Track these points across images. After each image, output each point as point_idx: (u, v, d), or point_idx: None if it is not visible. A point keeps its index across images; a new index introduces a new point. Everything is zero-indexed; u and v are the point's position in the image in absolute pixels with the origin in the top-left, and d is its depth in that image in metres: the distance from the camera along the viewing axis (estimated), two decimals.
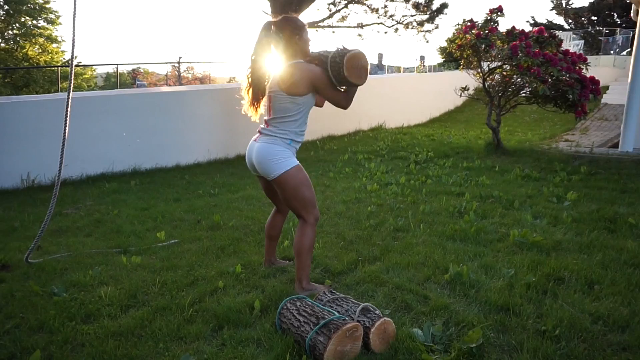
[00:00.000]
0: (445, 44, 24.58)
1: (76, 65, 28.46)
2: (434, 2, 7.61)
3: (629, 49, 18.90)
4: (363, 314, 2.17)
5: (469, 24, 7.48)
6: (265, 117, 2.69)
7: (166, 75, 25.54)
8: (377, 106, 12.59)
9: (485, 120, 8.21)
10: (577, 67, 7.10)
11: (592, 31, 21.39)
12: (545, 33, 7.20)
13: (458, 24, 7.71)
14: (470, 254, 3.21)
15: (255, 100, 2.70)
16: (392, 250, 3.34)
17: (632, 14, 8.34)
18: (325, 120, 10.66)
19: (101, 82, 30.89)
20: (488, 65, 7.54)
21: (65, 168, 3.74)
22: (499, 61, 7.25)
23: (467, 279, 2.73)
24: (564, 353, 1.99)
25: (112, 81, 28.69)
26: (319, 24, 7.90)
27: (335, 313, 2.12)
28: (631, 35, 19.77)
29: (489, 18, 7.33)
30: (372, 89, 13.03)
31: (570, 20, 27.15)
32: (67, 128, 3.10)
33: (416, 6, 7.47)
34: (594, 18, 26.11)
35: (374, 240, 3.59)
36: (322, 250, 3.36)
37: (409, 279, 2.81)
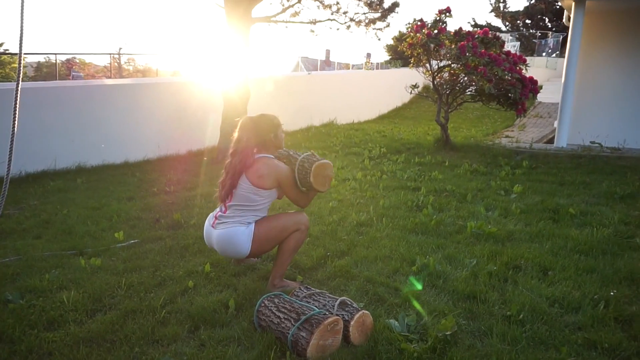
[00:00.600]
0: (392, 42, 25.20)
1: (2, 53, 26.39)
2: (385, 0, 7.78)
3: (559, 52, 20.39)
4: (341, 308, 2.21)
5: (419, 23, 7.72)
6: (225, 201, 2.65)
7: (108, 66, 24.29)
8: (329, 102, 12.72)
9: (433, 117, 8.53)
10: (518, 68, 7.55)
11: (527, 33, 22.86)
12: (489, 34, 7.58)
13: (408, 23, 7.92)
14: (433, 246, 3.34)
15: (228, 193, 2.63)
16: (358, 245, 3.42)
17: (564, 20, 8.98)
18: (277, 116, 10.64)
19: (32, 72, 28.80)
20: (437, 64, 7.83)
21: (1, 165, 3.48)
22: (447, 60, 7.54)
23: (433, 270, 2.86)
24: (529, 335, 2.14)
25: (45, 71, 26.83)
26: (272, 19, 7.82)
27: (315, 308, 2.14)
28: (561, 38, 21.29)
29: (437, 18, 7.60)
30: (324, 85, 13.15)
31: (507, 23, 28.87)
32: (16, 121, 2.89)
33: (369, 4, 7.60)
34: (528, 21, 27.98)
35: (339, 235, 3.65)
36: None
37: (378, 272, 2.89)
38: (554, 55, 18.70)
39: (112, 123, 7.32)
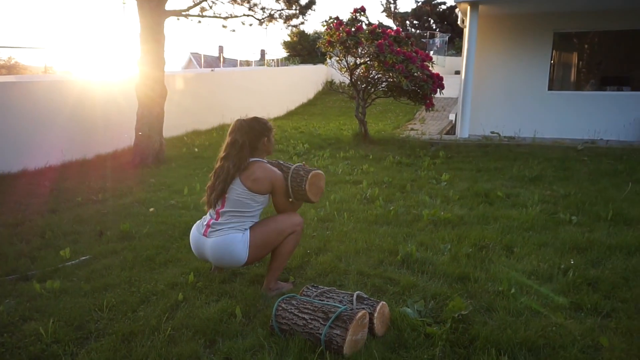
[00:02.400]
0: (288, 39, 25.40)
1: None
2: None
3: (446, 50, 22.46)
4: (360, 302, 2.23)
5: (336, 21, 7.93)
6: (217, 208, 2.54)
7: None
8: (237, 99, 12.45)
9: (340, 113, 8.85)
10: (426, 65, 8.16)
11: (416, 33, 24.80)
12: (401, 34, 8.07)
13: (325, 21, 8.07)
14: (402, 235, 3.51)
15: (219, 197, 2.52)
16: (331, 240, 3.45)
17: (459, 22, 9.90)
18: (189, 115, 10.16)
19: None
20: (355, 61, 8.12)
21: None
22: (365, 57, 7.87)
23: (415, 257, 3.01)
24: (525, 306, 2.37)
25: None
26: (186, 13, 7.44)
27: (339, 305, 2.14)
28: (447, 38, 23.41)
29: (354, 17, 7.88)
30: (230, 82, 12.83)
31: (397, 23, 31.01)
32: None
33: (288, 1, 7.61)
34: (415, 22, 30.39)
35: (308, 232, 3.64)
36: None
37: (366, 265, 2.96)
38: (441, 54, 20.56)
39: (5, 127, 6.36)
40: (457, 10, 9.76)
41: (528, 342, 2.04)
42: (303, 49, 24.66)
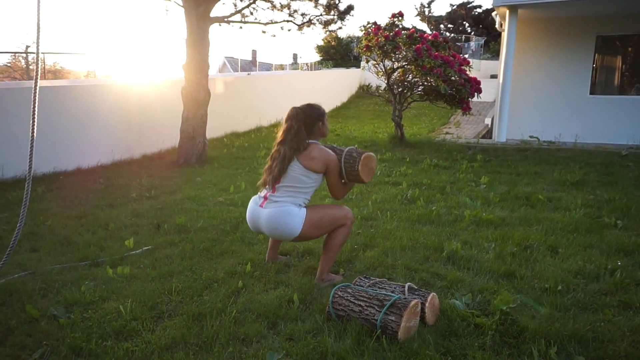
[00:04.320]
0: (322, 43, 25.68)
1: None
2: (341, 3, 8.02)
3: (481, 54, 22.26)
4: (411, 292, 2.36)
5: (374, 27, 8.06)
6: (274, 183, 2.71)
7: (9, 65, 22.14)
8: (273, 102, 12.73)
9: (374, 116, 8.94)
10: (464, 69, 8.18)
11: (451, 37, 24.69)
12: (439, 38, 8.13)
13: (363, 26, 8.22)
14: (446, 234, 3.61)
15: (277, 178, 2.69)
16: (376, 237, 3.58)
17: (497, 26, 9.86)
18: (228, 117, 10.48)
19: None
20: (392, 65, 8.23)
21: None
22: (403, 61, 7.97)
23: (460, 254, 3.10)
24: (572, 302, 2.44)
25: None
26: (229, 19, 7.73)
27: (392, 294, 2.27)
28: (483, 42, 23.18)
29: (392, 22, 7.99)
30: (266, 85, 13.14)
31: (431, 26, 31.00)
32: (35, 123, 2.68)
33: (327, 7, 7.80)
34: (450, 26, 30.23)
35: (352, 230, 3.76)
36: (312, 243, 3.44)
37: (413, 260, 3.08)
38: (476, 57, 20.39)
39: (61, 128, 6.79)
40: (494, 13, 9.74)
41: (577, 335, 2.11)
42: (336, 53, 24.88)
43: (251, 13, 8.42)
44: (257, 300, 2.50)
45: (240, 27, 8.58)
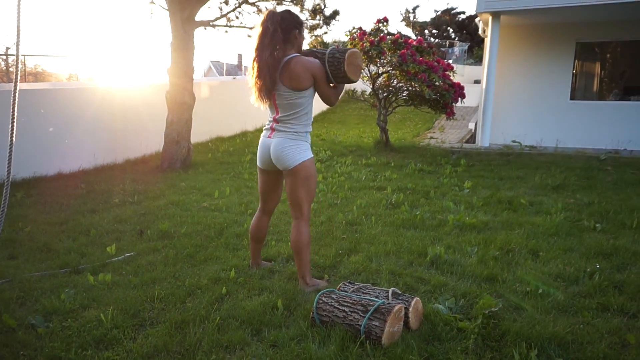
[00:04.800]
0: (307, 47, 25.65)
1: None
2: (326, 8, 8.06)
3: (465, 59, 22.56)
4: (395, 297, 2.37)
5: (359, 32, 8.11)
6: (273, 115, 2.72)
7: (1, 69, 21.75)
8: (259, 107, 12.69)
9: (359, 121, 8.99)
10: (447, 74, 8.28)
11: (435, 42, 25.02)
12: (424, 43, 8.22)
13: (348, 31, 8.27)
14: (430, 239, 3.63)
15: (267, 92, 2.63)
16: (361, 242, 3.59)
17: (480, 32, 10.01)
18: (213, 122, 10.42)
19: None
20: (377, 70, 8.28)
21: None
22: (388, 66, 8.03)
23: (444, 259, 3.13)
24: (553, 305, 2.48)
25: None
26: (214, 23, 7.71)
27: (376, 299, 2.28)
28: (467, 47, 23.49)
29: (377, 27, 8.06)
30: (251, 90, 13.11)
31: (416, 32, 31.41)
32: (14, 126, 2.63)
33: (313, 12, 7.83)
34: (435, 31, 30.66)
35: (337, 235, 3.79)
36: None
37: (397, 265, 3.10)
38: (459, 63, 20.67)
39: (42, 132, 6.68)
40: (477, 20, 9.88)
41: (557, 338, 2.15)
42: None
43: (237, 17, 8.42)
44: (241, 306, 2.49)
45: (226, 31, 8.58)
